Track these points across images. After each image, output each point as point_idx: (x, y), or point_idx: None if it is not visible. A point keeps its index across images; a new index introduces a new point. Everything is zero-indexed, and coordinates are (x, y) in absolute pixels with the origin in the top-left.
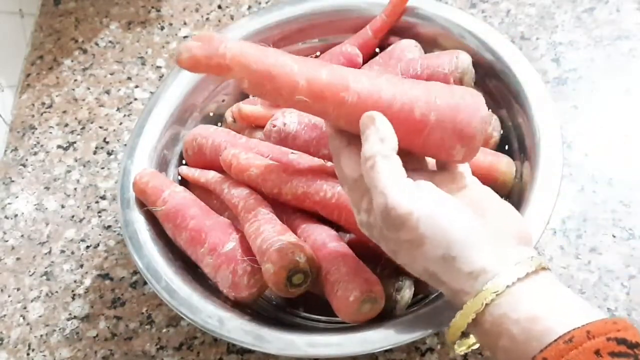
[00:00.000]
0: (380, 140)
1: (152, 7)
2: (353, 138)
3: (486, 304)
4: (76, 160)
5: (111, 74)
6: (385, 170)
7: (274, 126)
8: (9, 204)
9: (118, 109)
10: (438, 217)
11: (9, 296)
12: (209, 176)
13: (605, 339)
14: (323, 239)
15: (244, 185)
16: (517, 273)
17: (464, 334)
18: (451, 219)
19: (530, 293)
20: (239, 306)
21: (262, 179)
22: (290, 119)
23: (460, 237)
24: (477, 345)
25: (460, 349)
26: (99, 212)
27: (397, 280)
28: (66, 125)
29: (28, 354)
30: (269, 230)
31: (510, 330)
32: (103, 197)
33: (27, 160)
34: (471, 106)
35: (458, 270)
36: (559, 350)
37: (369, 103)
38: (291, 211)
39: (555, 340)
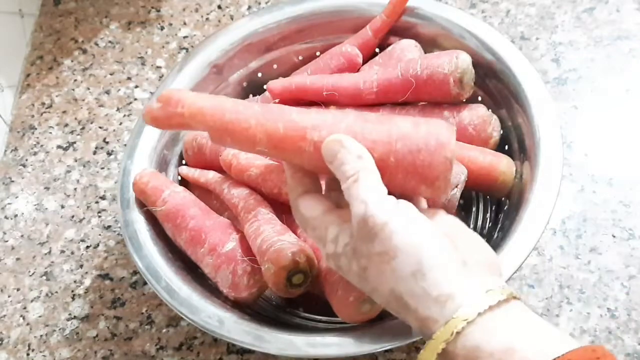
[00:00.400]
0: (359, 158)
1: (152, 7)
2: (311, 183)
3: (457, 333)
4: (76, 160)
5: (111, 74)
6: (368, 182)
7: None
8: (9, 204)
9: (118, 109)
10: (413, 232)
11: (9, 296)
12: (209, 176)
13: None
14: None
15: (244, 186)
16: (488, 301)
17: None
18: (425, 237)
19: (503, 322)
20: (239, 306)
21: (262, 179)
22: None
23: (432, 257)
24: None
25: None
26: (99, 212)
27: None
28: (66, 125)
29: (28, 354)
30: (269, 231)
31: None
32: (103, 197)
33: (27, 160)
34: (433, 147)
35: (426, 293)
36: None
37: None
38: (291, 211)
39: None
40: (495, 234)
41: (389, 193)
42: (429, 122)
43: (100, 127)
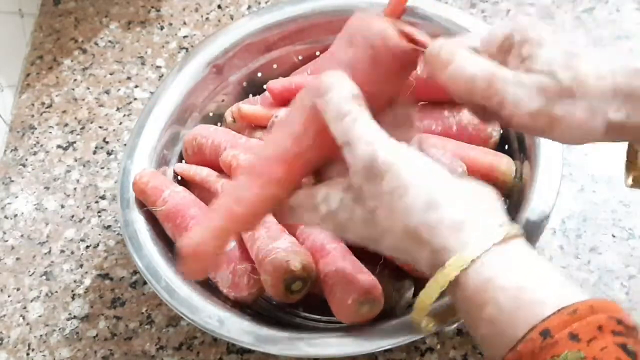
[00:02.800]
0: (353, 97)
1: (152, 7)
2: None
3: (472, 261)
4: (76, 160)
5: (111, 74)
6: (370, 123)
7: (276, 117)
8: (9, 203)
9: (118, 109)
10: (422, 166)
11: (8, 296)
12: (204, 174)
13: (607, 316)
14: (321, 240)
15: None
16: (502, 233)
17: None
18: (433, 171)
19: (514, 258)
20: (239, 306)
21: None
22: None
23: (443, 188)
24: (449, 324)
25: (430, 326)
26: (98, 212)
27: (397, 280)
28: (66, 125)
29: (28, 354)
30: (264, 237)
31: (496, 298)
32: (103, 197)
33: (26, 160)
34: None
35: (440, 222)
36: (563, 321)
37: None
38: None
39: (559, 311)
40: None
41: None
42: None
43: (100, 127)
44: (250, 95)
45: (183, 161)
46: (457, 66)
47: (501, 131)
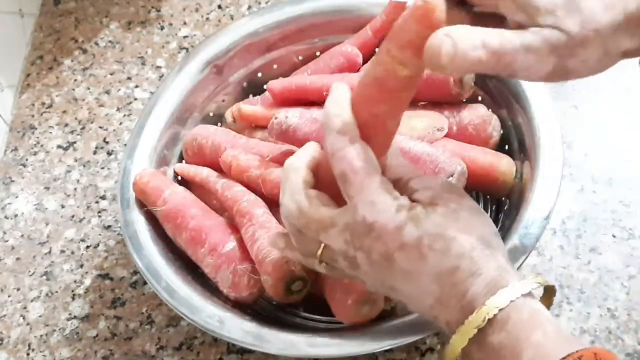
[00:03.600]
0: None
1: (152, 7)
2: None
3: (521, 296)
4: (76, 160)
5: (111, 74)
6: (366, 182)
7: (276, 118)
8: (9, 204)
9: (118, 109)
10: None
11: (9, 296)
12: (203, 174)
13: None
14: None
15: (237, 184)
16: (527, 286)
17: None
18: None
19: (531, 313)
20: (239, 306)
21: (262, 179)
22: (292, 114)
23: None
24: None
25: None
26: (99, 212)
27: None
28: (66, 125)
29: (28, 354)
30: (264, 237)
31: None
32: (103, 197)
33: (27, 160)
34: None
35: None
36: None
37: None
38: None
39: (565, 358)
40: None
41: None
42: None
43: (100, 127)
44: (251, 96)
45: (183, 161)
46: (458, 61)
47: (501, 131)
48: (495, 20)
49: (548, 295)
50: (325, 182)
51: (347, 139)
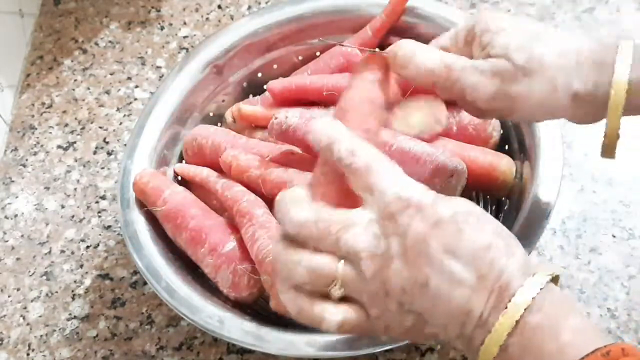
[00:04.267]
0: (351, 154)
1: (152, 7)
2: None
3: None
4: (76, 160)
5: (111, 74)
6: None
7: (276, 118)
8: (9, 204)
9: (118, 109)
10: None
11: (9, 296)
12: (203, 174)
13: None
14: None
15: (237, 184)
16: (543, 280)
17: None
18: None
19: (553, 302)
20: (239, 306)
21: (262, 179)
22: (292, 114)
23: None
24: None
25: None
26: (99, 212)
27: None
28: (66, 125)
29: (28, 354)
30: (264, 237)
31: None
32: (103, 197)
33: (27, 160)
34: None
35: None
36: None
37: None
38: None
39: (593, 352)
40: None
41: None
42: None
43: (100, 127)
44: (251, 96)
45: (183, 161)
46: (416, 63)
47: (501, 131)
48: None
49: (554, 283)
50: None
51: (352, 140)
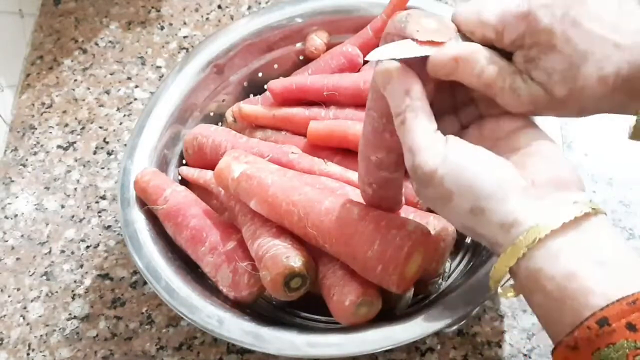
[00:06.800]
0: (405, 93)
1: (152, 7)
2: None
3: (518, 258)
4: (76, 160)
5: (111, 74)
6: (413, 127)
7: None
8: (9, 204)
9: (118, 109)
10: (463, 171)
11: (9, 296)
12: (207, 177)
13: None
14: None
15: None
16: (551, 224)
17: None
18: (477, 172)
19: (569, 246)
20: (238, 306)
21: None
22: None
23: (488, 190)
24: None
25: (509, 295)
26: (99, 212)
27: None
28: (66, 125)
29: (28, 354)
30: (265, 234)
31: (544, 287)
32: (103, 197)
33: (27, 160)
34: None
35: (489, 223)
36: (622, 311)
37: None
38: None
39: (619, 300)
40: None
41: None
42: None
43: (100, 127)
44: (251, 95)
45: (183, 161)
46: (460, 77)
47: None
48: None
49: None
50: None
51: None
